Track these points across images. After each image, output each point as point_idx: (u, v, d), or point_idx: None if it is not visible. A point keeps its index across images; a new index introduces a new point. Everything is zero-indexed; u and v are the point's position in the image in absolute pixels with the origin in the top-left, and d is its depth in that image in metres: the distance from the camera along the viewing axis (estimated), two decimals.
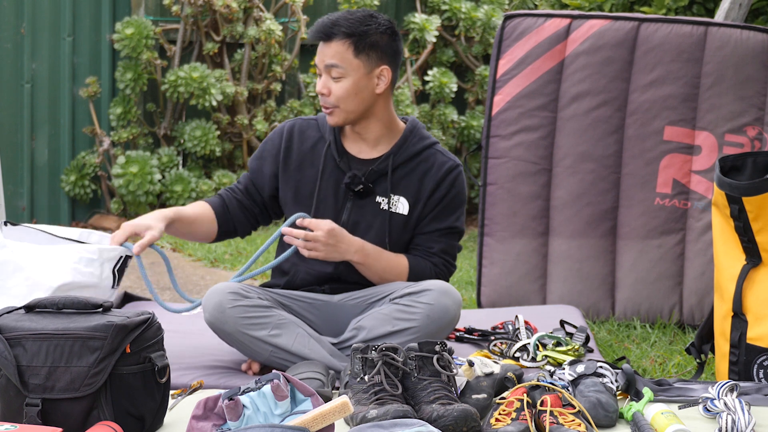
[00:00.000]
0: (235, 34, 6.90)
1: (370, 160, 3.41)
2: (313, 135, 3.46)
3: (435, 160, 3.42)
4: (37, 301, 2.69)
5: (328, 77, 3.33)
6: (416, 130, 3.44)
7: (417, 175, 3.40)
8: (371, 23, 3.32)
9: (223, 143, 6.93)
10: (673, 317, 4.40)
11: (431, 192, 3.40)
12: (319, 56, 3.35)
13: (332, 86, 3.33)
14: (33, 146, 6.82)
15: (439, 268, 3.43)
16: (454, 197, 3.43)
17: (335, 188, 3.40)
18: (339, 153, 3.41)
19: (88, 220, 6.92)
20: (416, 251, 3.43)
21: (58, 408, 2.56)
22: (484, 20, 7.39)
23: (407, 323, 3.22)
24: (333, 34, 3.31)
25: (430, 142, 3.45)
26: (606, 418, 2.77)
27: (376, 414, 2.61)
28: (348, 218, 3.39)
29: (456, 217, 3.44)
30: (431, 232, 3.42)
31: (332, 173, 3.40)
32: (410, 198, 3.40)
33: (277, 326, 3.21)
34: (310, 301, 3.38)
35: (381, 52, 3.34)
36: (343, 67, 3.31)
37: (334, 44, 3.31)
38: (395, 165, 3.40)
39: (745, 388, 3.08)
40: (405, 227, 3.40)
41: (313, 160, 3.43)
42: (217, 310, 3.20)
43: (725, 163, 3.33)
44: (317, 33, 3.34)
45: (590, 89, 4.43)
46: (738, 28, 4.39)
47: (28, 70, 6.75)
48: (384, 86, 3.36)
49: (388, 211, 3.38)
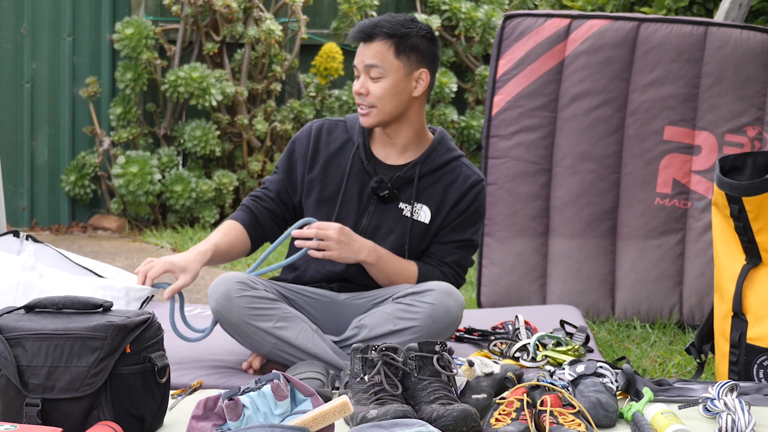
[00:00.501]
0: (235, 34, 6.90)
1: (396, 166, 3.42)
2: (340, 136, 3.46)
3: (460, 173, 3.44)
4: (37, 301, 2.69)
5: (366, 77, 3.35)
6: (444, 141, 3.46)
7: (441, 185, 3.41)
8: (412, 26, 3.36)
9: (223, 143, 6.93)
10: (673, 317, 4.40)
11: (454, 204, 3.41)
12: (359, 57, 3.36)
13: (371, 86, 3.34)
14: (33, 146, 6.82)
15: (448, 278, 3.43)
16: (474, 211, 3.44)
17: (359, 191, 3.40)
18: (367, 156, 3.41)
19: (88, 220, 6.92)
20: (429, 259, 3.44)
21: (58, 408, 2.56)
22: (484, 20, 7.39)
23: (409, 322, 3.23)
24: (374, 35, 3.33)
25: (456, 154, 3.46)
26: (606, 418, 2.77)
27: (376, 414, 2.61)
28: (369, 222, 3.39)
29: (474, 230, 3.46)
30: (448, 242, 3.43)
31: (358, 176, 3.41)
32: (433, 207, 3.40)
33: (282, 318, 3.21)
34: (316, 297, 3.38)
35: (421, 55, 3.36)
36: (384, 67, 3.32)
37: (375, 44, 3.33)
38: (422, 173, 3.41)
39: (745, 388, 3.08)
40: (424, 236, 3.41)
41: (339, 162, 3.43)
42: (223, 298, 3.20)
43: (725, 163, 3.33)
44: (358, 34, 3.36)
45: (590, 89, 4.43)
46: (738, 28, 4.39)
47: (28, 70, 6.75)
48: (422, 89, 3.38)
49: (410, 219, 3.39)
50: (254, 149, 7.07)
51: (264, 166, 7.05)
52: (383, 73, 3.33)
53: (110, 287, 3.16)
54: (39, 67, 6.77)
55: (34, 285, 3.12)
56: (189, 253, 3.30)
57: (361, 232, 3.38)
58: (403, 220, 3.39)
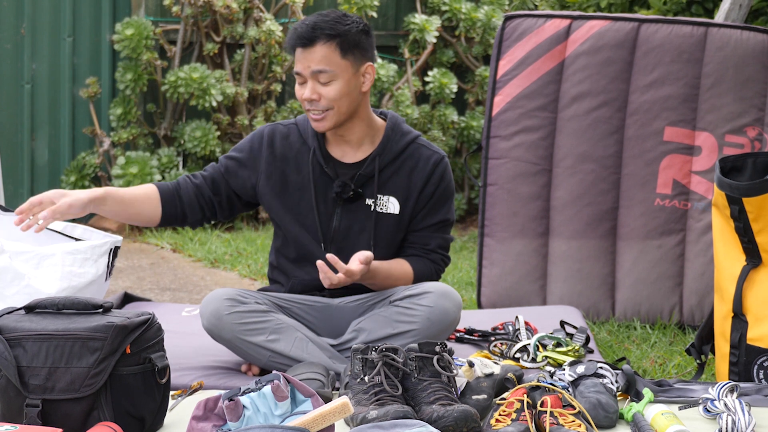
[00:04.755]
0: (235, 35, 6.90)
1: (355, 164, 3.37)
2: (295, 140, 3.40)
3: (420, 155, 3.39)
4: (37, 301, 2.70)
5: (315, 82, 3.27)
6: (397, 126, 3.41)
7: (404, 172, 3.38)
8: (349, 22, 3.27)
9: (224, 144, 6.92)
10: (673, 318, 4.40)
11: (421, 188, 3.38)
12: (302, 63, 3.27)
13: (323, 90, 3.26)
14: (33, 146, 6.82)
15: (439, 265, 3.44)
16: (444, 190, 3.41)
17: (324, 196, 3.36)
18: (325, 159, 3.37)
19: (88, 221, 6.92)
20: (413, 249, 3.41)
21: (58, 408, 2.56)
22: (484, 21, 7.39)
23: (407, 326, 3.22)
24: (315, 38, 3.24)
25: (412, 136, 3.42)
26: (606, 418, 2.77)
27: (376, 415, 2.61)
28: (339, 224, 3.36)
29: (447, 208, 3.42)
30: (425, 228, 3.40)
31: (319, 180, 3.36)
32: (399, 196, 3.37)
33: (274, 331, 3.20)
34: (310, 303, 3.37)
35: (363, 49, 3.30)
36: (332, 70, 3.25)
37: (318, 48, 3.25)
38: (381, 166, 3.37)
39: (745, 389, 3.08)
40: (397, 226, 3.38)
41: (298, 167, 3.38)
42: (214, 317, 3.19)
43: (725, 163, 3.33)
44: (296, 40, 3.26)
45: (590, 90, 4.43)
46: (738, 28, 4.39)
47: (28, 71, 6.75)
48: (369, 83, 3.32)
49: (374, 213, 3.36)
50: None
51: None
52: (333, 75, 3.25)
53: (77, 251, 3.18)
54: (39, 68, 6.77)
55: (7, 269, 3.14)
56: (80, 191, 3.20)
57: (333, 234, 3.36)
58: (372, 215, 3.36)
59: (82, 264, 3.20)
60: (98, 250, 3.23)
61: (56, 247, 3.24)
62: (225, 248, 6.04)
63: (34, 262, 3.18)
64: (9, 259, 3.17)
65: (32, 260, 3.18)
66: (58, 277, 3.16)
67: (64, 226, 3.40)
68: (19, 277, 3.14)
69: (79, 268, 3.18)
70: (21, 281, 3.13)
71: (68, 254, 3.19)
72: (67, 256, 3.19)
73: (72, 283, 3.16)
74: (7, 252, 3.18)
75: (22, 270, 3.13)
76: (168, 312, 4.06)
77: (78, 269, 3.18)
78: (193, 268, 5.67)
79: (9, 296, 3.15)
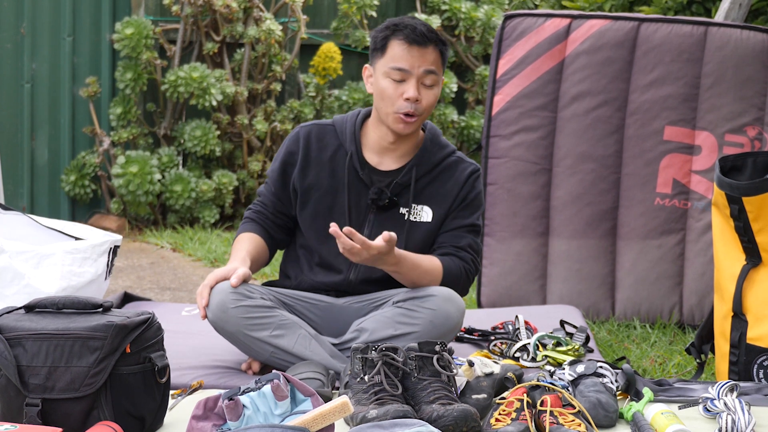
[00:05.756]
0: (235, 34, 6.90)
1: (391, 172, 3.36)
2: (331, 143, 3.39)
3: (457, 167, 3.40)
4: (37, 301, 2.69)
5: (420, 84, 3.27)
6: (435, 138, 3.42)
7: (439, 183, 3.38)
8: (440, 35, 3.32)
9: (223, 143, 6.92)
10: (673, 317, 4.40)
11: (454, 196, 3.37)
12: (413, 60, 3.26)
13: (424, 93, 3.27)
14: (33, 146, 6.82)
15: (469, 264, 3.36)
16: (475, 197, 3.40)
17: (357, 201, 3.35)
18: (361, 164, 3.36)
19: (88, 220, 6.92)
20: (443, 248, 3.36)
21: (58, 408, 2.56)
22: (484, 20, 7.39)
23: (410, 328, 3.21)
24: (431, 41, 3.27)
25: (450, 150, 3.43)
26: (606, 418, 2.77)
27: (376, 414, 2.61)
28: (370, 232, 3.33)
29: (477, 216, 3.41)
30: (456, 228, 3.37)
31: (353, 185, 3.35)
32: (434, 206, 3.36)
33: (279, 327, 3.20)
34: (314, 302, 3.36)
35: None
36: (438, 75, 3.29)
37: (430, 50, 3.27)
38: (418, 176, 3.37)
39: (745, 389, 3.08)
40: (429, 235, 3.36)
41: (333, 170, 3.36)
42: (219, 309, 3.19)
43: (725, 163, 3.33)
44: (416, 36, 3.25)
45: (590, 89, 4.43)
46: (738, 28, 4.39)
47: (28, 70, 6.75)
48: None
49: (407, 221, 3.34)
50: (254, 149, 7.06)
51: (264, 166, 7.04)
52: (437, 80, 3.29)
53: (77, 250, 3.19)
54: (39, 67, 6.77)
55: (7, 269, 3.14)
56: (230, 263, 3.27)
57: None
58: (404, 224, 3.35)
59: (82, 263, 3.20)
60: (98, 249, 3.23)
61: (56, 247, 3.24)
62: (225, 248, 6.04)
63: (34, 261, 3.18)
64: (9, 259, 3.17)
65: (32, 259, 3.18)
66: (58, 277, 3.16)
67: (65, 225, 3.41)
68: (19, 276, 3.14)
69: (78, 268, 3.18)
70: (21, 281, 3.14)
71: (68, 254, 3.19)
72: (67, 256, 3.19)
73: (72, 283, 3.16)
74: (7, 252, 3.18)
75: (22, 269, 3.13)
76: (168, 311, 4.06)
77: (78, 268, 3.18)
78: (193, 267, 5.68)
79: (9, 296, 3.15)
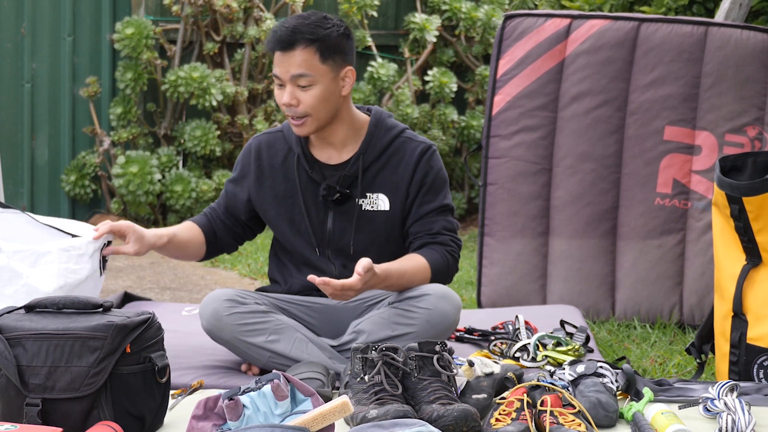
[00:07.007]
0: (235, 34, 6.90)
1: (340, 165, 3.34)
2: (281, 148, 3.39)
3: (405, 149, 3.35)
4: (37, 301, 2.70)
5: (294, 87, 3.23)
6: (380, 123, 3.36)
7: (391, 167, 3.33)
8: (329, 26, 3.23)
9: (224, 143, 6.93)
10: (673, 317, 4.40)
11: (409, 179, 3.32)
12: (281, 66, 3.23)
13: (301, 96, 3.22)
14: (33, 146, 6.82)
15: (449, 246, 3.33)
16: (434, 178, 3.35)
17: (314, 200, 3.34)
18: (309, 164, 3.35)
19: (89, 220, 6.92)
20: (419, 239, 3.34)
21: (59, 408, 2.56)
22: (484, 20, 7.39)
23: (407, 328, 3.21)
24: (295, 42, 3.20)
25: (396, 131, 3.37)
26: (606, 418, 2.77)
27: (376, 414, 2.61)
28: (334, 226, 3.34)
29: (443, 195, 3.36)
30: (425, 215, 3.33)
31: (307, 185, 3.35)
32: (389, 193, 3.33)
33: (274, 332, 3.20)
34: (309, 304, 3.36)
35: (344, 53, 3.25)
36: (312, 74, 3.21)
37: (298, 52, 3.20)
38: (366, 165, 3.33)
39: (745, 388, 3.08)
40: (389, 223, 3.34)
41: (286, 174, 3.37)
42: (213, 317, 3.19)
43: (725, 163, 3.33)
44: (276, 43, 3.22)
45: (590, 89, 4.43)
46: (738, 28, 4.39)
47: (28, 70, 6.75)
48: (349, 87, 3.28)
49: (366, 211, 3.32)
50: None
51: None
52: (312, 80, 3.21)
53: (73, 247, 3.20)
54: (39, 67, 6.77)
55: (5, 269, 3.14)
56: (150, 230, 3.29)
57: (328, 237, 3.34)
58: (365, 215, 3.33)
59: (78, 260, 3.21)
60: (93, 245, 3.24)
61: (51, 245, 3.24)
62: None
63: (31, 260, 3.18)
64: (6, 258, 3.17)
65: (28, 258, 3.18)
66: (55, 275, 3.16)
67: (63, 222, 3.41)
68: (17, 276, 3.14)
69: (75, 265, 3.18)
70: (19, 280, 3.14)
71: (63, 251, 3.20)
72: (63, 253, 3.19)
73: (69, 280, 3.16)
74: (5, 251, 3.18)
75: (19, 269, 3.13)
76: (168, 311, 4.06)
77: (74, 266, 3.18)
78: (193, 267, 5.67)
79: (8, 295, 3.15)
